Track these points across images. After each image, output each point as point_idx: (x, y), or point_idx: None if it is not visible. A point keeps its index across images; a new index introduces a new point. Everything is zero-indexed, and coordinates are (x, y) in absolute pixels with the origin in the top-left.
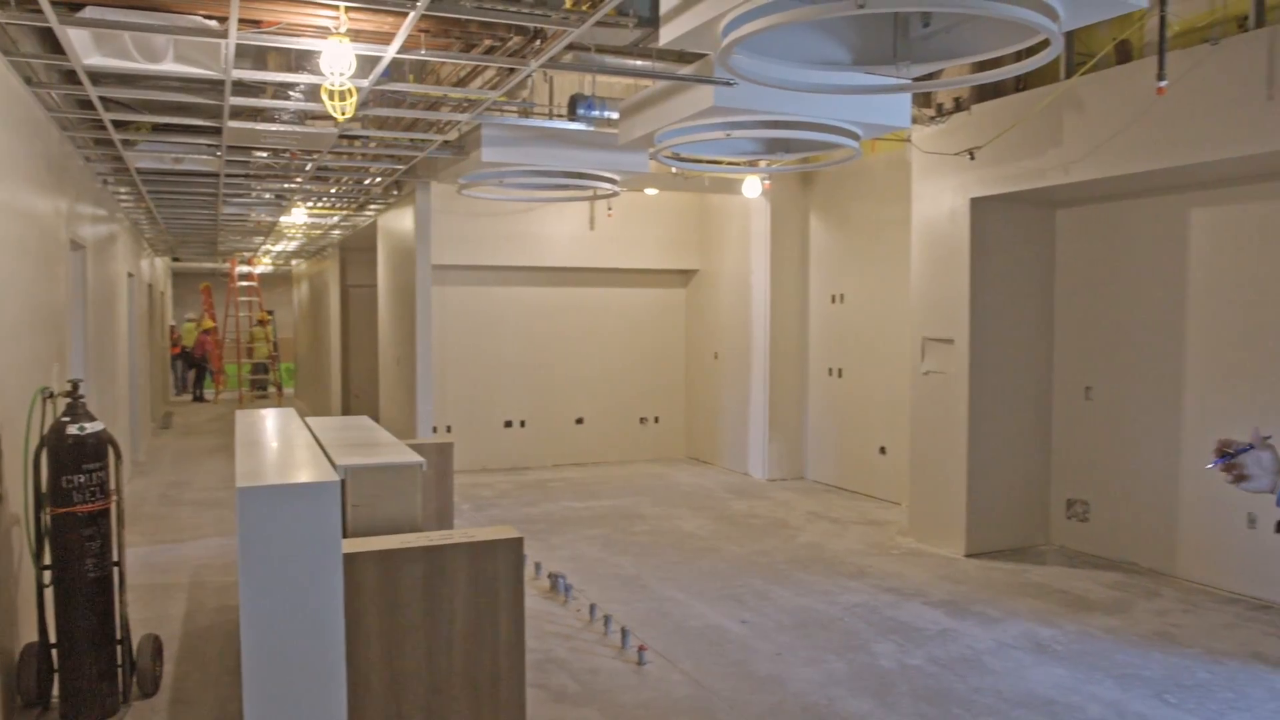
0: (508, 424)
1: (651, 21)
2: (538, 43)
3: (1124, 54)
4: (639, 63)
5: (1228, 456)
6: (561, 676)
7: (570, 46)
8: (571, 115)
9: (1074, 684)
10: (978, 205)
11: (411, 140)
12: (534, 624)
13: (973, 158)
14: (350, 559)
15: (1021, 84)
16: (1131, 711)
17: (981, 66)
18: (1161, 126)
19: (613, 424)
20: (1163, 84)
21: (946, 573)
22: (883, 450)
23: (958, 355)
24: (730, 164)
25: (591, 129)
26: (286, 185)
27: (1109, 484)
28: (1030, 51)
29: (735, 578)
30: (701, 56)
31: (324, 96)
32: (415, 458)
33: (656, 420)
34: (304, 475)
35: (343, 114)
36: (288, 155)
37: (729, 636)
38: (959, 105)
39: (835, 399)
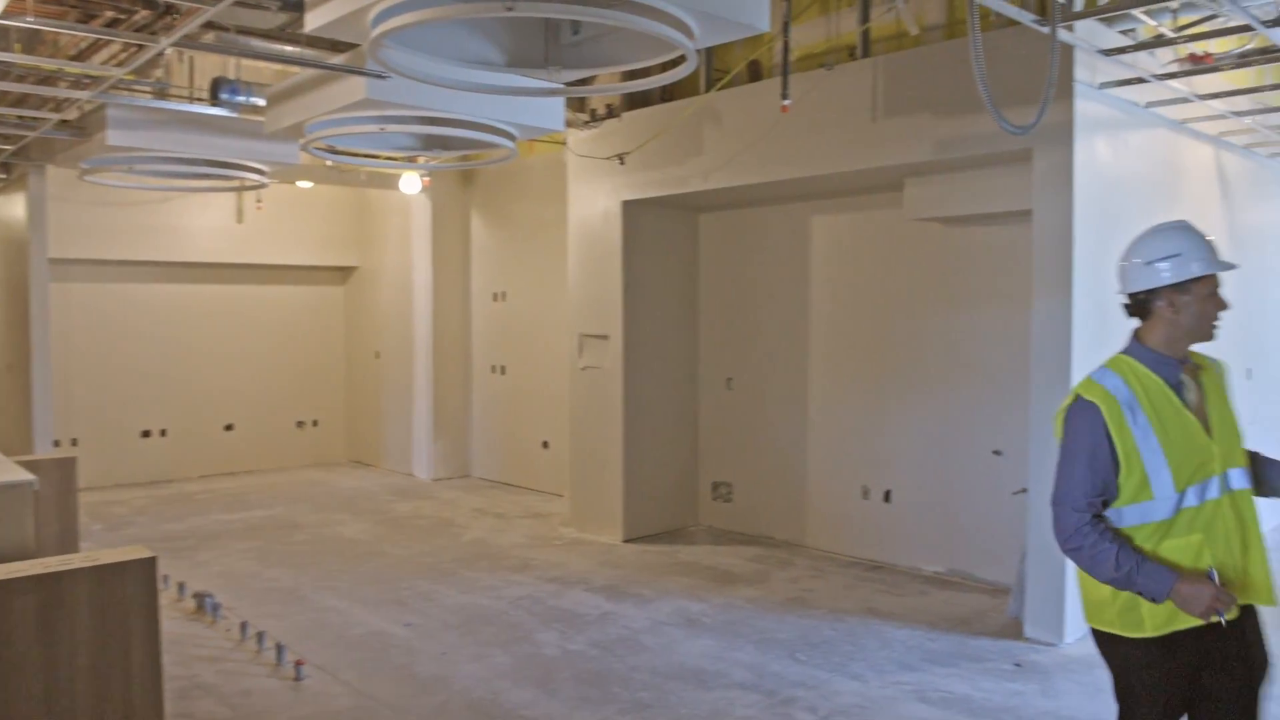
0: (146, 433)
1: (298, 6)
2: (170, 18)
3: (755, 73)
4: (289, 49)
5: None
6: (209, 703)
7: (211, 26)
8: (214, 100)
9: (720, 652)
10: (629, 208)
11: (21, 118)
12: (177, 649)
13: (622, 162)
14: None
15: (667, 95)
16: (769, 672)
17: (630, 76)
18: (787, 141)
19: (267, 429)
20: (786, 103)
21: (606, 559)
22: (545, 444)
23: (613, 351)
24: (388, 159)
25: (236, 115)
26: None
27: (748, 466)
28: (673, 65)
29: (399, 581)
30: (355, 46)
31: None
32: (24, 475)
33: (315, 424)
34: None
35: None
36: None
37: (393, 641)
38: (611, 112)
39: (499, 396)
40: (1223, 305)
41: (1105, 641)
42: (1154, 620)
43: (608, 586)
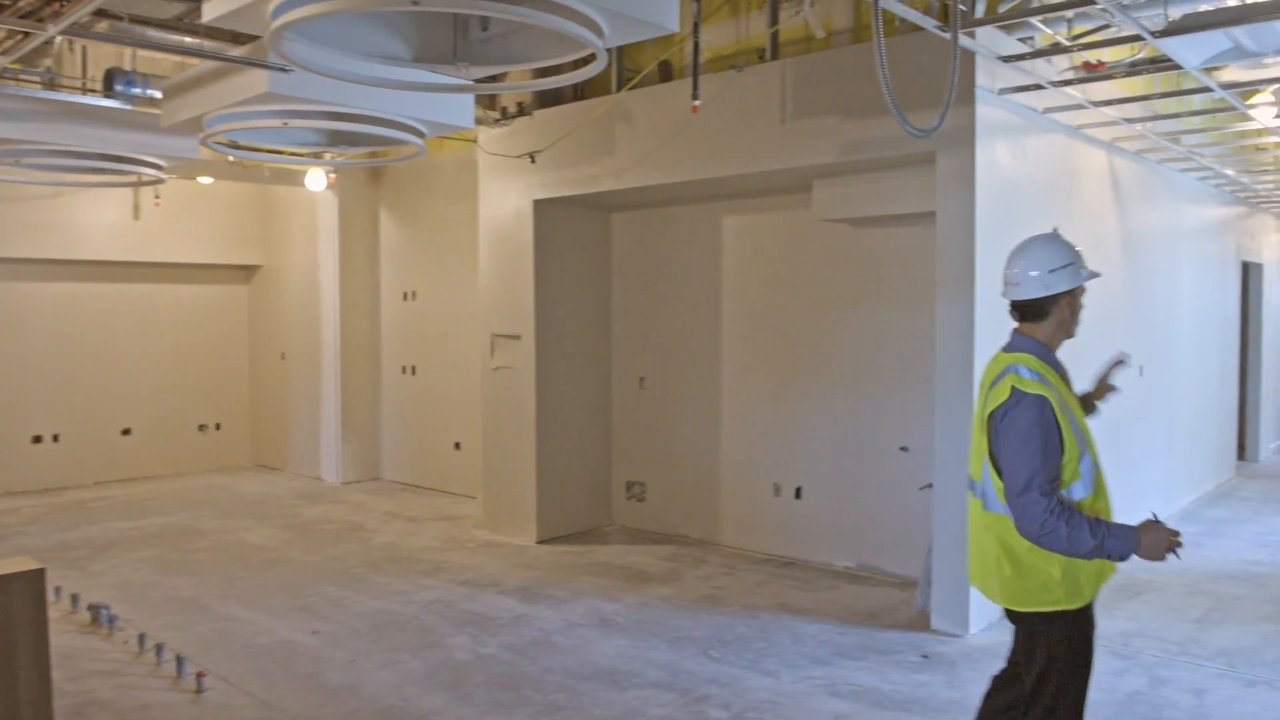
0: (36, 439)
1: None
2: (58, 5)
3: (666, 73)
4: (187, 39)
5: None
6: (104, 719)
7: (103, 14)
8: (108, 91)
9: (634, 652)
10: (540, 207)
11: None
12: (70, 664)
13: (533, 161)
14: None
15: (580, 94)
16: (683, 670)
17: (543, 74)
18: (697, 142)
19: (167, 433)
20: (697, 103)
21: (520, 561)
22: (458, 446)
23: (525, 350)
24: (293, 155)
25: (131, 108)
26: None
27: (662, 466)
28: (584, 63)
29: (307, 587)
30: (257, 38)
31: None
32: None
33: (218, 427)
34: None
35: None
36: None
37: (300, 650)
38: (522, 110)
39: (409, 397)
40: (1083, 306)
41: (1047, 621)
42: (1089, 586)
43: (521, 588)
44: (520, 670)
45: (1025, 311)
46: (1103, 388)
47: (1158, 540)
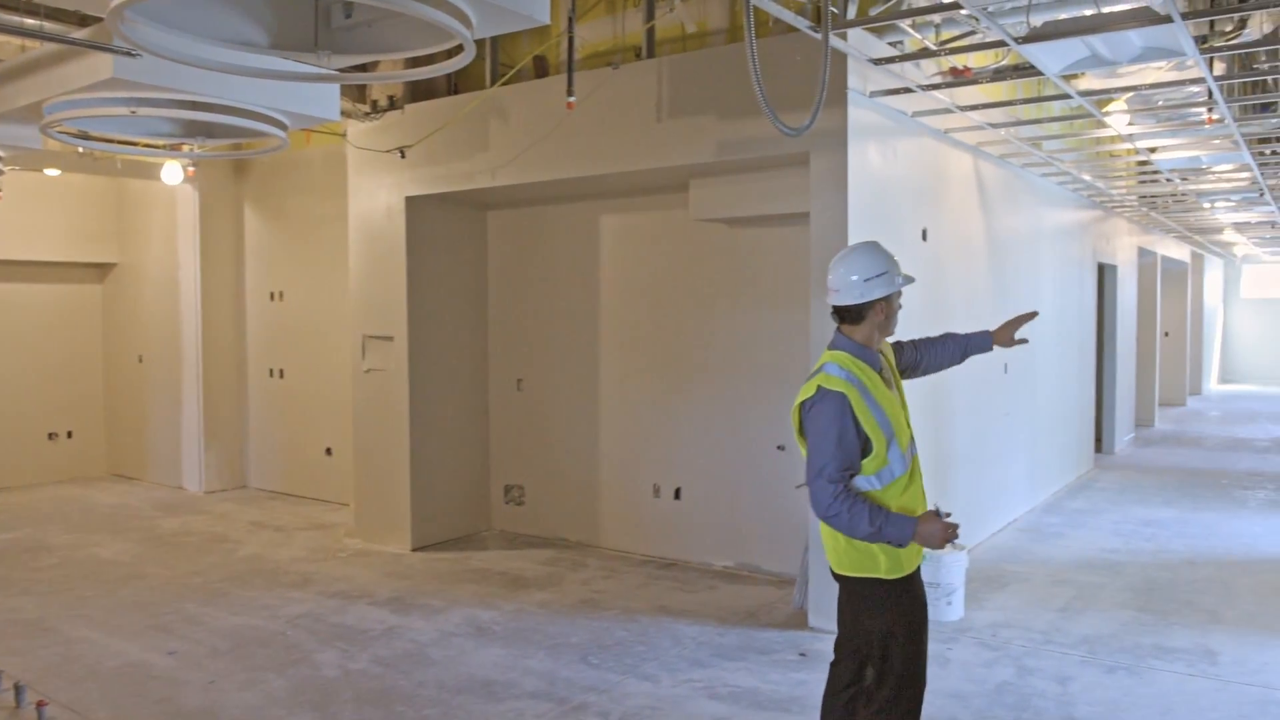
0: None
1: None
2: None
3: (542, 69)
4: (28, 21)
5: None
6: None
7: None
8: None
9: (511, 661)
10: (413, 204)
11: None
12: None
13: (403, 156)
14: None
15: (454, 88)
16: (561, 678)
17: (416, 66)
18: (573, 140)
19: (12, 442)
20: (572, 99)
21: (393, 570)
22: (329, 451)
23: (397, 352)
24: (148, 146)
25: None
26: None
27: (540, 468)
28: (453, 55)
29: (163, 605)
30: (103, 19)
31: None
32: None
33: (69, 435)
34: None
35: None
36: None
37: (154, 672)
38: (393, 103)
39: (277, 401)
40: (900, 307)
41: (868, 587)
42: (909, 560)
43: (394, 599)
44: (391, 685)
45: (844, 315)
46: (1006, 332)
47: (934, 531)
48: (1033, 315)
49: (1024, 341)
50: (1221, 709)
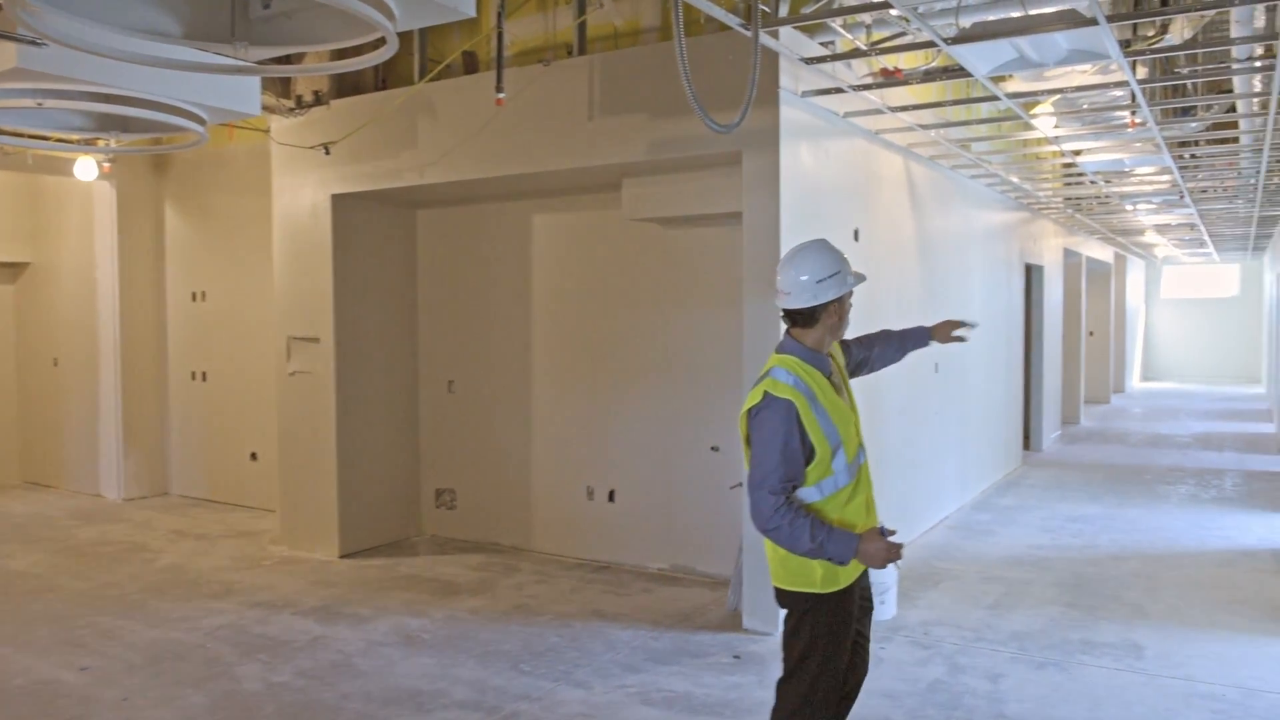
0: None
1: None
2: None
3: (472, 65)
4: None
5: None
6: None
7: None
8: None
9: (440, 670)
10: (339, 202)
11: None
12: None
13: (328, 152)
14: None
15: (383, 83)
16: (491, 687)
17: (342, 59)
18: (504, 137)
19: None
20: (501, 95)
21: (320, 577)
22: (254, 456)
23: (324, 354)
24: (61, 140)
25: None
26: None
27: (472, 471)
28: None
29: (76, 618)
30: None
31: None
32: None
33: None
34: None
35: None
36: None
37: (64, 690)
38: (319, 99)
39: (200, 405)
40: (851, 307)
41: (804, 601)
42: (845, 575)
43: (320, 608)
44: (316, 698)
45: (796, 318)
46: (944, 330)
47: (877, 550)
48: (974, 325)
49: (961, 339)
50: (1148, 703)
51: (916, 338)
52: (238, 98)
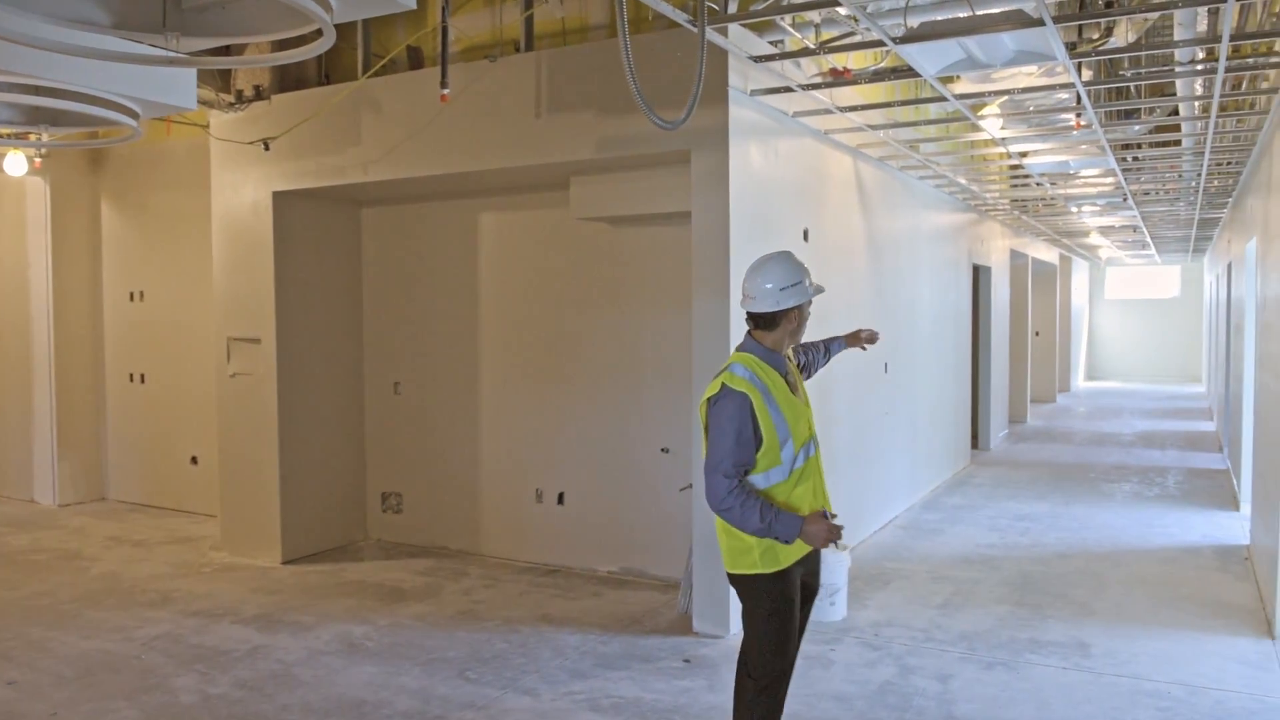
0: None
1: None
2: None
3: (417, 61)
4: None
5: None
6: None
7: None
8: None
9: (384, 679)
10: (281, 199)
11: None
12: None
13: (267, 148)
14: None
15: (326, 78)
16: (436, 696)
17: (284, 51)
18: (450, 134)
19: None
20: (445, 91)
21: (261, 585)
22: (194, 460)
23: (265, 355)
24: None
25: None
26: None
27: (419, 474)
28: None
29: (4, 630)
30: None
31: None
32: None
33: None
34: None
35: None
36: None
37: None
38: (260, 93)
39: (138, 407)
40: (809, 315)
41: (748, 581)
42: (786, 556)
43: (261, 616)
44: (254, 710)
45: (758, 321)
46: (855, 339)
47: (820, 531)
48: (875, 338)
49: (863, 348)
50: (1096, 701)
51: (838, 344)
52: (172, 91)
